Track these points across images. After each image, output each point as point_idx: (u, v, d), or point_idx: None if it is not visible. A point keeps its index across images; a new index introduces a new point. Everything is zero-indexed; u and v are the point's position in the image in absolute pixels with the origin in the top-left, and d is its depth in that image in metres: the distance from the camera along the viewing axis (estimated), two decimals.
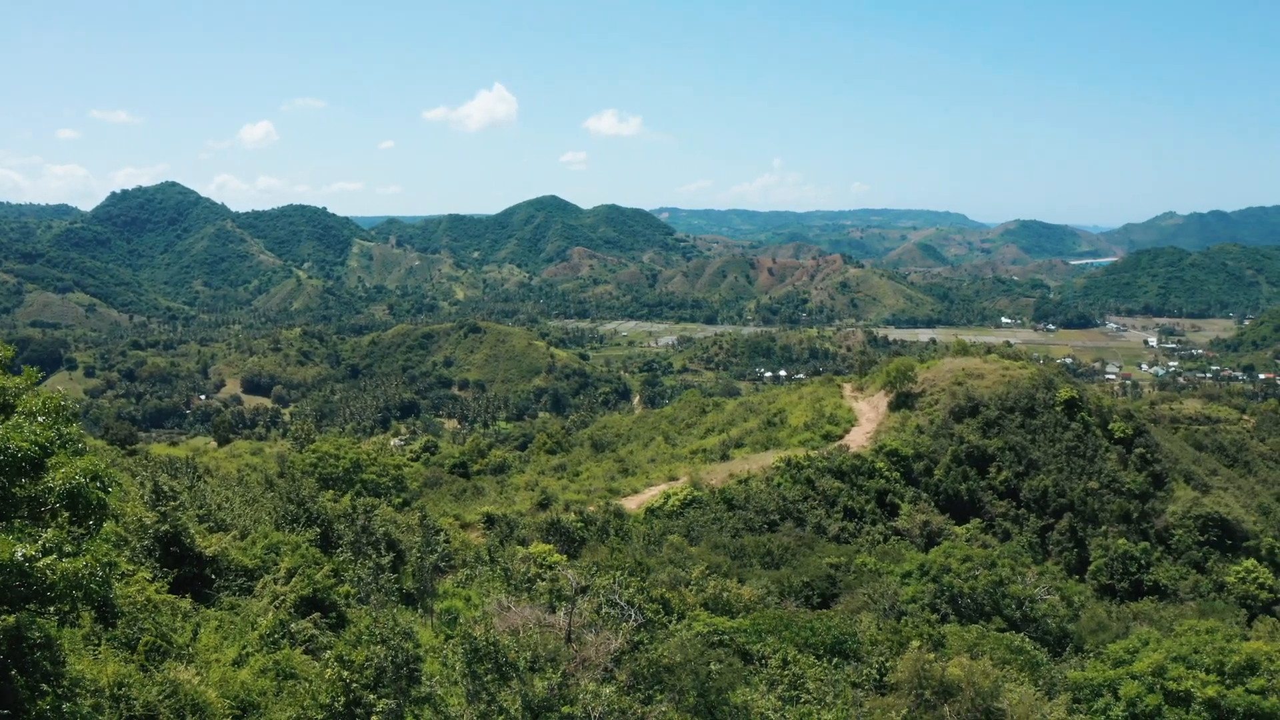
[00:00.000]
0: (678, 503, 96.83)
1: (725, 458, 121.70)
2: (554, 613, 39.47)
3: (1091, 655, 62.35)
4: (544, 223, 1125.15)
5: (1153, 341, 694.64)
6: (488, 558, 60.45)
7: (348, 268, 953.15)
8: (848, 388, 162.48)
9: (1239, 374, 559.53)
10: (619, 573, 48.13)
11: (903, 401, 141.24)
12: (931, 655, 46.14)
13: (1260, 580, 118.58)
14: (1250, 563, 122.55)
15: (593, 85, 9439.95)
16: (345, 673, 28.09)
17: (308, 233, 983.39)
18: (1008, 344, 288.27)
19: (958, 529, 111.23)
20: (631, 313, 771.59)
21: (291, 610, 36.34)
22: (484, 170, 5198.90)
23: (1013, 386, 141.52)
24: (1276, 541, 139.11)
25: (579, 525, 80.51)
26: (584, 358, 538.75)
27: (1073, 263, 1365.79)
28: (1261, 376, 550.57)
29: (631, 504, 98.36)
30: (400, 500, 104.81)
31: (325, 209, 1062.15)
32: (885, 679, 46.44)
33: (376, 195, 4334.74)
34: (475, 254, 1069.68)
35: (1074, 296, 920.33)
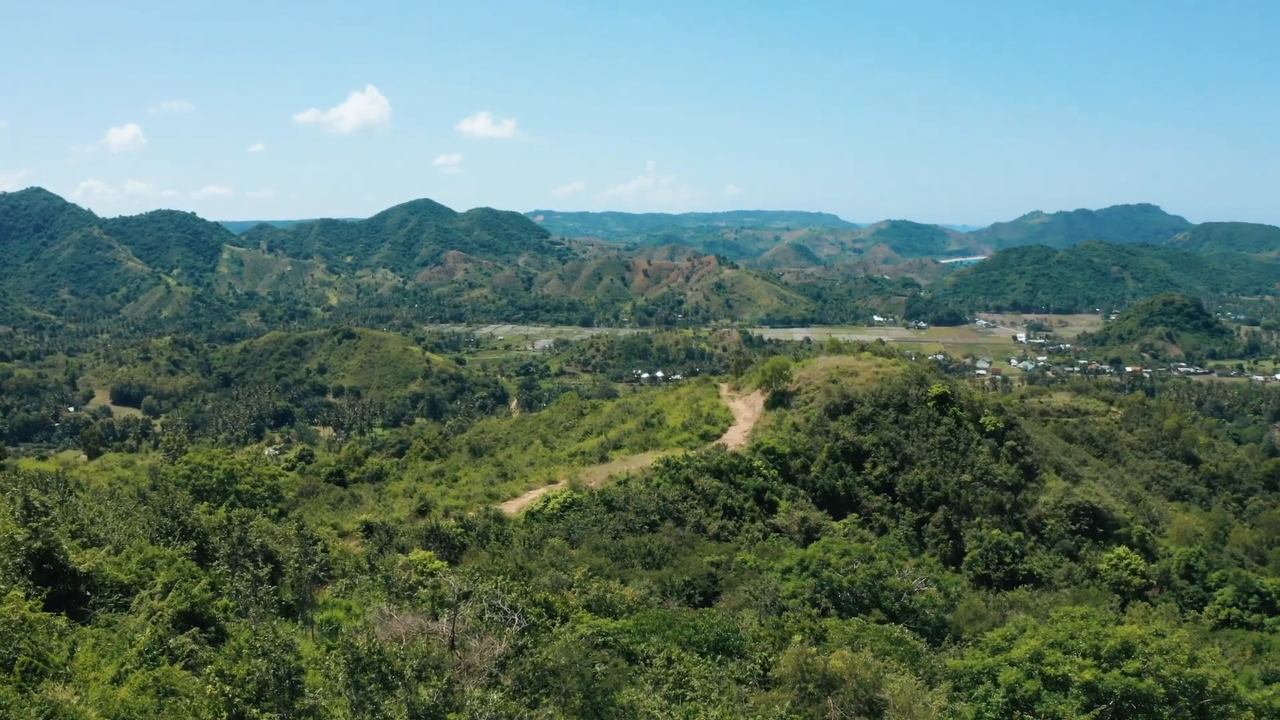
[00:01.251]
0: (558, 506, 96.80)
1: (604, 459, 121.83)
2: (436, 620, 39.34)
3: (970, 644, 63.34)
4: (418, 226, 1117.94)
5: (1022, 337, 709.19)
6: (367, 566, 60.02)
7: (218, 274, 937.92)
8: (724, 388, 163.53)
9: (1106, 367, 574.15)
10: (501, 577, 47.95)
11: (779, 400, 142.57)
12: (813, 649, 46.63)
13: (1132, 566, 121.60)
14: (1122, 550, 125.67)
15: (466, 87, 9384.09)
16: (226, 687, 27.81)
17: (177, 239, 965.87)
18: (880, 342, 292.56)
19: (835, 524, 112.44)
20: (507, 316, 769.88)
21: (170, 626, 35.72)
22: (357, 174, 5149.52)
23: (886, 383, 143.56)
24: (1147, 529, 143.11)
25: (459, 531, 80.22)
26: (460, 362, 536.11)
27: (943, 261, 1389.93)
28: (1128, 369, 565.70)
29: (511, 508, 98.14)
30: (277, 511, 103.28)
31: (194, 214, 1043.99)
32: (769, 674, 46.87)
33: (247, 200, 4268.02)
34: (349, 259, 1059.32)
35: (944, 294, 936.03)
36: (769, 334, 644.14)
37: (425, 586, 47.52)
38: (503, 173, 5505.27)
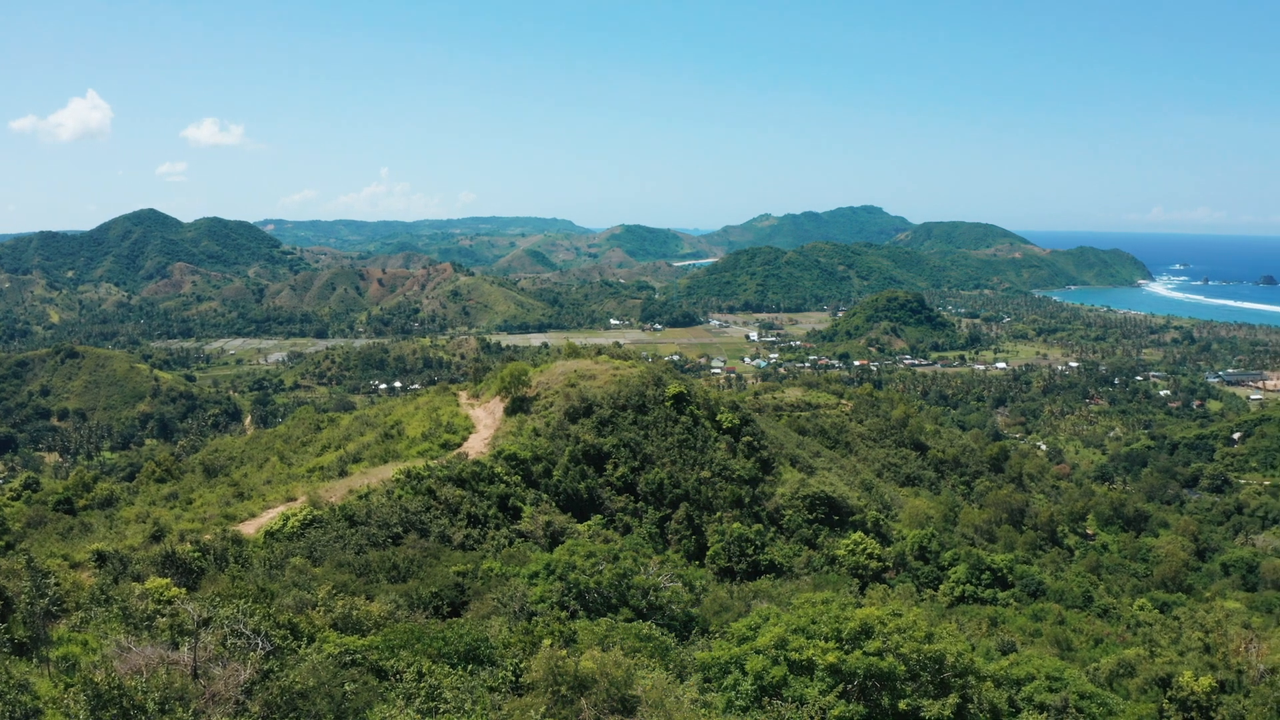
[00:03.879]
0: (298, 523, 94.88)
1: (344, 474, 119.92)
2: (177, 649, 38.34)
3: (717, 635, 64.66)
4: (142, 238, 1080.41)
5: (754, 336, 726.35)
6: (102, 598, 57.95)
7: None
8: (463, 395, 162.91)
9: (836, 362, 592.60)
10: (242, 601, 46.92)
11: (518, 406, 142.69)
12: (564, 652, 46.92)
13: (868, 550, 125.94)
14: (858, 535, 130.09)
15: (192, 92, 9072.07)
16: None
17: None
18: (617, 344, 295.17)
19: (580, 526, 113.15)
20: (239, 330, 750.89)
21: None
22: (78, 183, 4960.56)
23: (624, 385, 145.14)
24: (880, 514, 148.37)
25: (196, 555, 77.94)
26: (190, 379, 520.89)
27: (676, 264, 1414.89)
28: (857, 363, 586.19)
29: (250, 529, 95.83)
30: (3, 544, 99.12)
31: None
32: (521, 680, 46.98)
33: None
34: (70, 273, 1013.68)
35: (679, 296, 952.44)
36: (507, 340, 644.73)
37: (164, 615, 46.03)
38: (231, 181, 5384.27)
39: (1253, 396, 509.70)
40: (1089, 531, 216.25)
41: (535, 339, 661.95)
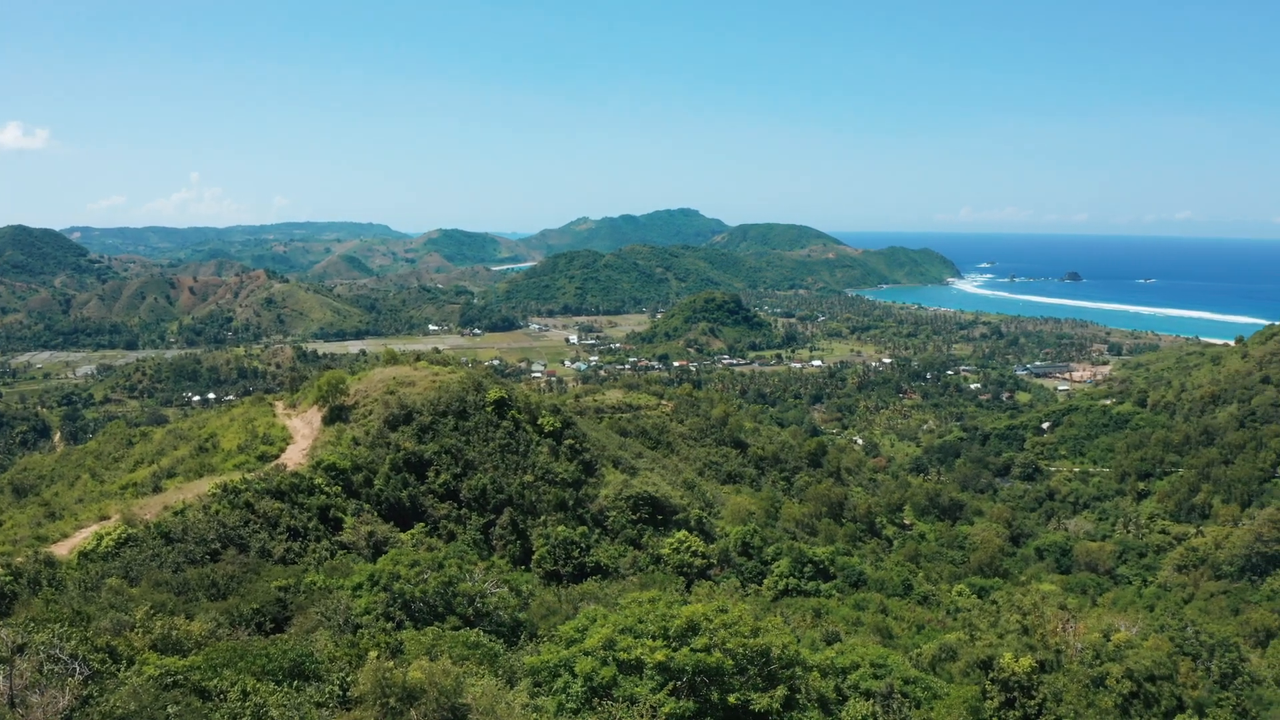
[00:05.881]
0: (112, 543, 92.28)
1: (158, 490, 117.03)
2: None
3: (545, 639, 64.70)
4: None
5: (574, 339, 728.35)
6: None
7: None
8: (280, 406, 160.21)
9: (655, 363, 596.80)
10: (58, 625, 45.53)
11: (337, 415, 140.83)
12: (391, 663, 46.62)
13: (693, 548, 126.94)
14: (682, 534, 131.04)
15: None
16: None
17: None
18: (436, 350, 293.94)
19: (403, 535, 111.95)
20: (45, 342, 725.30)
21: None
22: None
23: (444, 391, 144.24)
24: (704, 512, 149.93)
25: (7, 579, 75.42)
26: None
27: (494, 268, 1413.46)
28: (676, 364, 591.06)
29: (63, 550, 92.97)
30: None
31: None
32: (349, 694, 46.49)
33: None
34: None
35: (498, 301, 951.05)
36: (324, 348, 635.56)
37: None
38: (37, 187, 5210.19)
39: (1060, 388, 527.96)
40: (907, 522, 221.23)
41: (353, 346, 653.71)
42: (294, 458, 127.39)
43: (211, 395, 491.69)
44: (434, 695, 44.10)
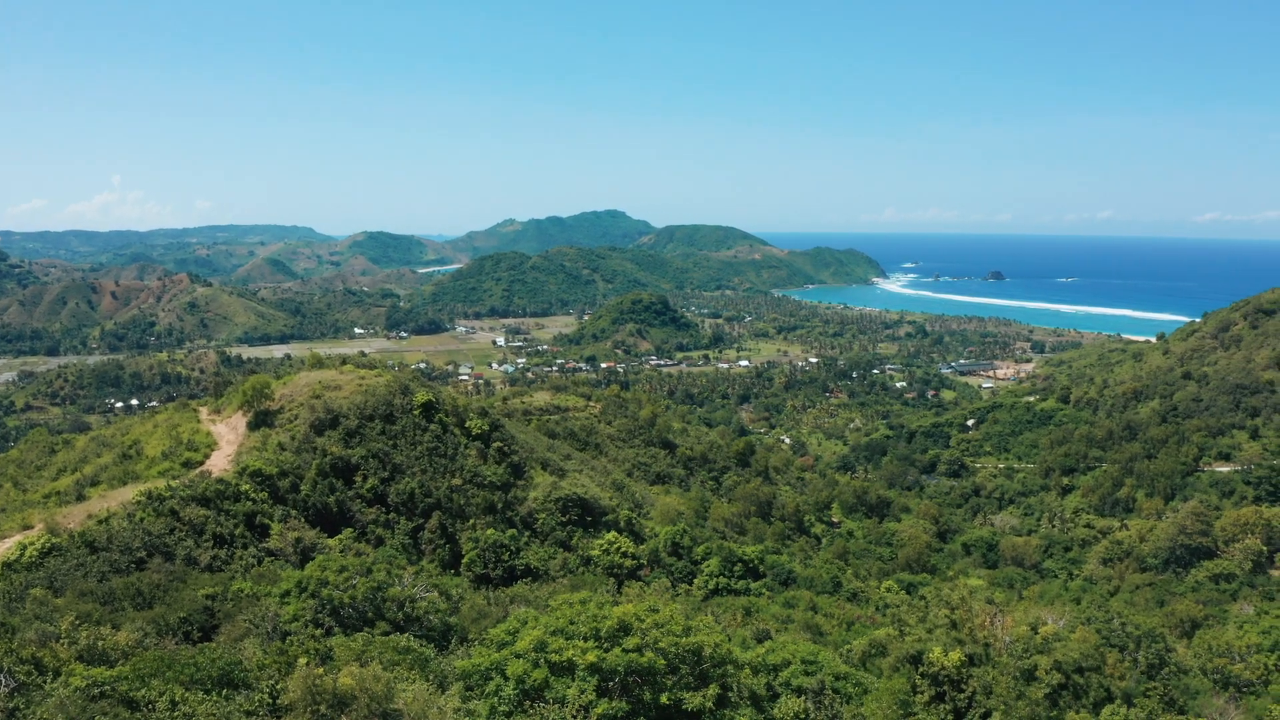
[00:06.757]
0: (36, 553, 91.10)
1: (82, 498, 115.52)
2: None
3: (476, 643, 64.52)
4: None
5: (501, 341, 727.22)
6: None
7: None
8: (204, 411, 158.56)
9: (583, 365, 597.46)
10: None
11: (262, 420, 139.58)
12: (321, 670, 46.30)
13: (623, 549, 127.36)
14: (611, 535, 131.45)
15: None
16: None
17: None
18: (363, 354, 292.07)
19: (331, 541, 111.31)
20: None
21: None
22: None
23: (370, 395, 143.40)
24: (633, 513, 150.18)
25: None
26: None
27: (421, 271, 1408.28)
28: (604, 365, 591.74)
29: None
30: None
31: None
32: (279, 702, 46.14)
33: None
34: None
35: (424, 303, 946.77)
36: (248, 353, 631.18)
37: None
38: None
39: (984, 385, 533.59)
40: (835, 520, 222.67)
41: (278, 350, 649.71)
42: (219, 464, 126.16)
43: (135, 402, 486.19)
44: (365, 701, 43.90)
